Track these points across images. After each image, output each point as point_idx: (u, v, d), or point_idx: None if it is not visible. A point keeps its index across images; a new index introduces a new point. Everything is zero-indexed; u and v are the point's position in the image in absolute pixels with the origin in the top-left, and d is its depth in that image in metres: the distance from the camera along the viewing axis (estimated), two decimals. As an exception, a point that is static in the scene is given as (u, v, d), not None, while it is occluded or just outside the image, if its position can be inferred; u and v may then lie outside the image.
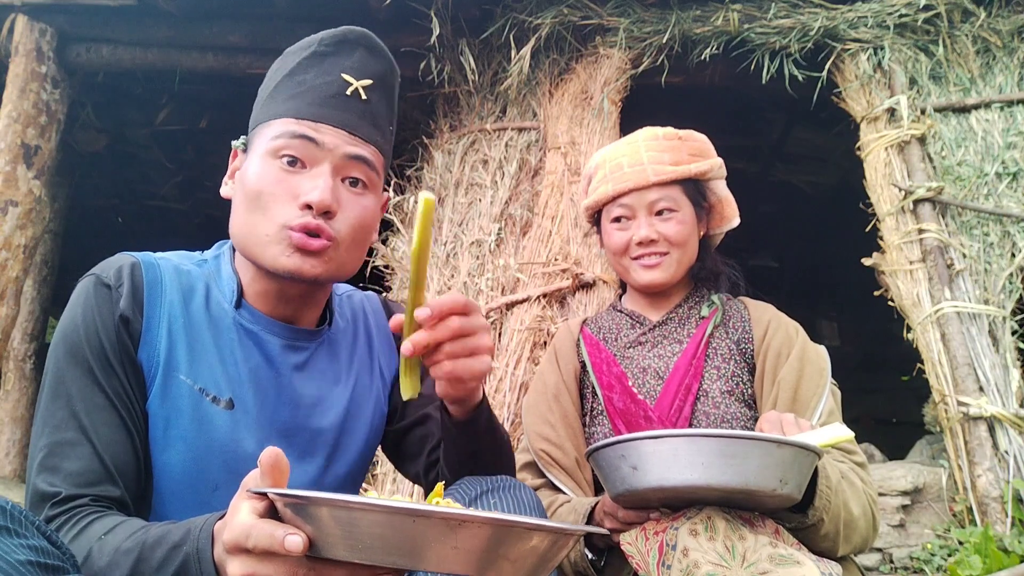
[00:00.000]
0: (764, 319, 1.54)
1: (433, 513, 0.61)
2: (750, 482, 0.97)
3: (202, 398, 1.02)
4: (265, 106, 1.07)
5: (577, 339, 1.64)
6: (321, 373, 1.12)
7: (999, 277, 2.90)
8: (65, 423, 0.95)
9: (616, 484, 1.07)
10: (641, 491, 1.03)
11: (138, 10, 3.54)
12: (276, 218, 1.01)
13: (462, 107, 3.70)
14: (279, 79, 1.07)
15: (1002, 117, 3.19)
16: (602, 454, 1.08)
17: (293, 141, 1.01)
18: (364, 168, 1.05)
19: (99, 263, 1.05)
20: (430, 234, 0.89)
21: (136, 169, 5.24)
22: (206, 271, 1.11)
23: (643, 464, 1.01)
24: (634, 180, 1.52)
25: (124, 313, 0.99)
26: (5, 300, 3.38)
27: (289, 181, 1.01)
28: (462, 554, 0.62)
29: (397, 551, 0.63)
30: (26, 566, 0.69)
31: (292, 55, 1.09)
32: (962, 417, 2.65)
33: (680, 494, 1.04)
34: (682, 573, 1.03)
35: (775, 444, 0.98)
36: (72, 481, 0.91)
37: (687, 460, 0.98)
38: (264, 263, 1.02)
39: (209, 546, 0.78)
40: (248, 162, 1.06)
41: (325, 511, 0.65)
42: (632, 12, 3.52)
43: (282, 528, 0.68)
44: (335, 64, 1.06)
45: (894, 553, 2.59)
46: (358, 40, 1.09)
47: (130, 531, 0.86)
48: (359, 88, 1.06)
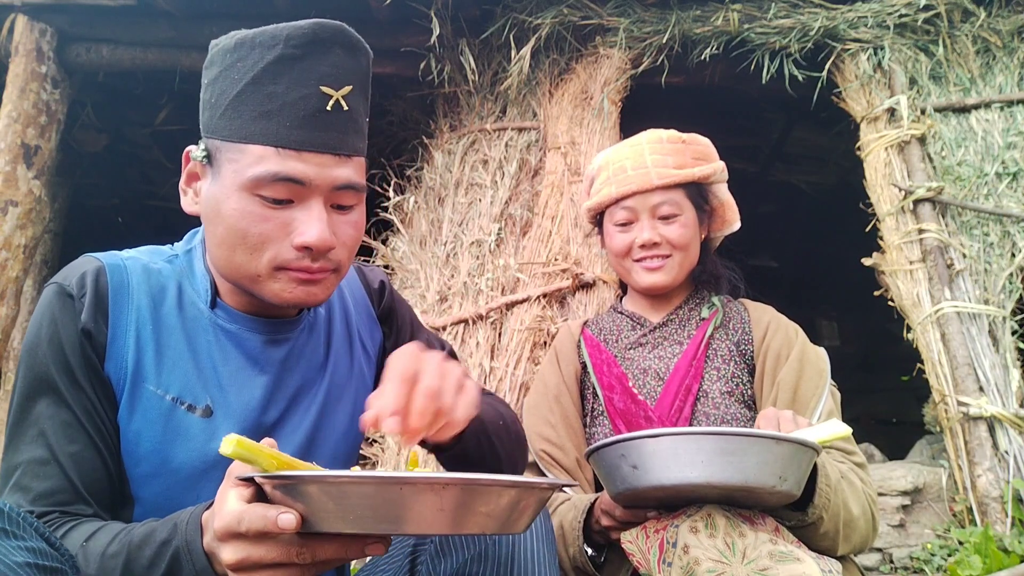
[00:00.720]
0: (764, 320, 1.55)
1: (419, 480, 0.66)
2: (749, 479, 0.97)
3: (175, 408, 0.98)
4: (229, 118, 0.93)
5: (578, 340, 1.65)
6: (307, 361, 1.08)
7: (999, 277, 2.90)
8: (34, 441, 0.93)
9: (617, 483, 1.07)
10: (642, 490, 1.03)
11: (138, 10, 3.54)
12: (267, 259, 0.93)
13: (462, 107, 3.70)
14: (242, 84, 0.92)
15: (1002, 117, 3.19)
16: (602, 454, 1.08)
17: (278, 185, 0.91)
18: (352, 193, 0.97)
19: (65, 267, 1.00)
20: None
21: (136, 169, 5.24)
22: (178, 268, 1.05)
23: (643, 463, 1.02)
24: (637, 183, 1.53)
25: (86, 326, 0.94)
26: (5, 300, 3.38)
27: (277, 217, 0.92)
28: (447, 514, 0.67)
29: (387, 518, 0.67)
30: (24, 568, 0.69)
31: (252, 51, 0.94)
32: (962, 417, 2.65)
33: (680, 492, 1.04)
34: (683, 570, 1.03)
35: (774, 441, 0.99)
36: (42, 502, 0.90)
37: (686, 458, 0.98)
38: (263, 296, 0.96)
39: (198, 536, 0.78)
40: (218, 188, 0.94)
41: (315, 488, 0.68)
42: (632, 12, 3.52)
43: (273, 508, 0.70)
44: (309, 72, 0.92)
45: (894, 553, 2.59)
46: (332, 39, 0.94)
47: (112, 534, 0.85)
48: (340, 100, 0.93)
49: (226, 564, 0.73)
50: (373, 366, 1.19)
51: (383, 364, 1.19)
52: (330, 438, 1.10)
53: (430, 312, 2.98)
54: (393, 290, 1.26)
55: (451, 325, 2.87)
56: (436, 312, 2.97)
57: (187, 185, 1.03)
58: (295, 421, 1.06)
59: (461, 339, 2.83)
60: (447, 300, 3.01)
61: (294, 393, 1.06)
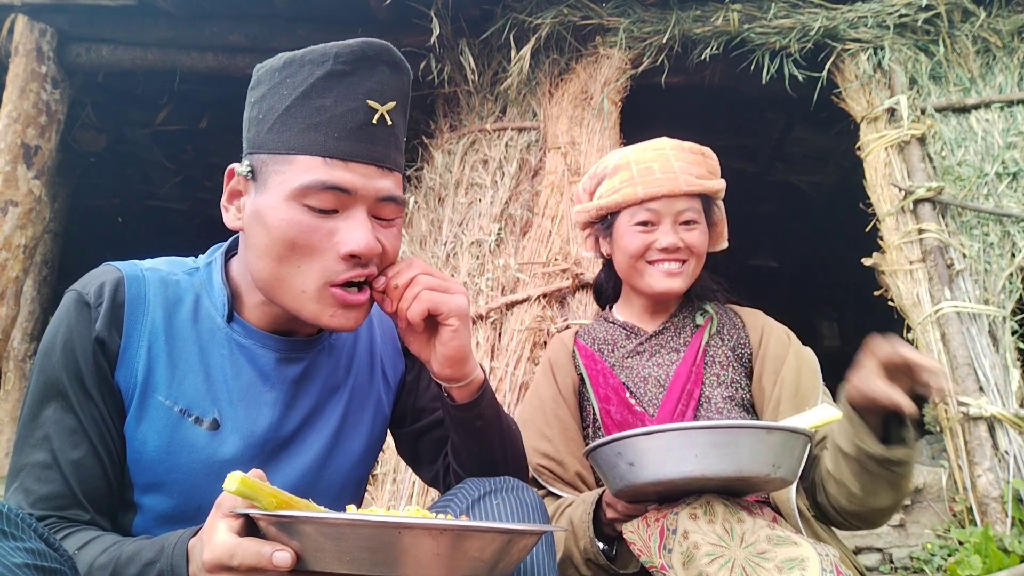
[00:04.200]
0: (758, 325, 1.59)
1: (416, 525, 0.67)
2: (744, 469, 1.00)
3: (183, 419, 0.99)
4: (277, 132, 0.95)
5: (572, 351, 1.63)
6: (322, 382, 1.09)
7: (999, 277, 2.90)
8: (39, 445, 0.94)
9: (615, 481, 1.10)
10: (639, 486, 1.06)
11: (138, 10, 3.54)
12: (315, 273, 0.94)
13: (462, 107, 3.70)
14: (291, 99, 0.95)
15: (1002, 117, 3.19)
16: (599, 453, 1.11)
17: (325, 193, 0.93)
18: (393, 206, 0.99)
19: (87, 274, 1.02)
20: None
21: (136, 169, 5.25)
22: (197, 281, 1.06)
23: (639, 460, 1.05)
24: (668, 186, 1.53)
25: (100, 335, 0.96)
26: (5, 300, 3.38)
27: (323, 227, 0.94)
28: (442, 559, 0.68)
29: (383, 561, 0.68)
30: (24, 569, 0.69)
31: (301, 69, 0.96)
32: (962, 417, 2.65)
33: (677, 486, 1.07)
34: (683, 555, 1.05)
35: (765, 430, 1.02)
36: (41, 506, 0.92)
37: (680, 453, 1.01)
38: (303, 316, 0.97)
39: (184, 563, 0.78)
40: (263, 200, 0.95)
41: (311, 528, 0.69)
42: (632, 12, 3.52)
43: (268, 545, 0.71)
44: (357, 87, 0.95)
45: (894, 553, 2.59)
46: (379, 56, 0.97)
47: (104, 546, 0.87)
48: (384, 114, 0.97)
49: None
50: (392, 397, 1.20)
51: (402, 398, 1.21)
52: (344, 463, 1.11)
53: (430, 312, 2.97)
54: None
55: (451, 325, 2.86)
56: (436, 312, 2.97)
57: (229, 202, 1.03)
58: (308, 442, 1.07)
59: (461, 339, 2.83)
60: (447, 300, 3.01)
61: (308, 413, 1.07)
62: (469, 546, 0.70)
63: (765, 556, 1.01)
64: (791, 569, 0.99)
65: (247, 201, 0.99)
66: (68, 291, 1.00)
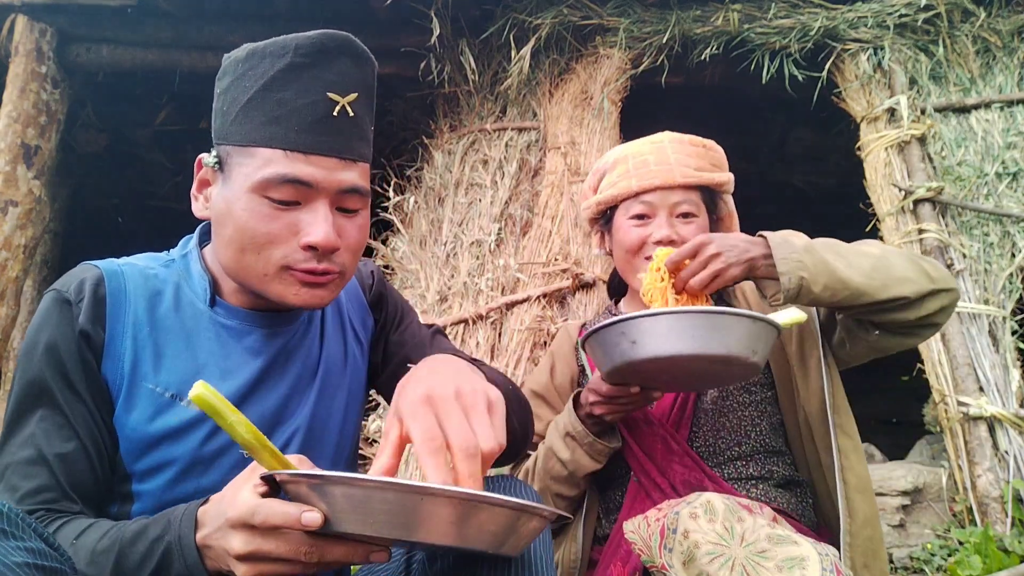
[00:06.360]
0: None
1: (439, 491, 0.68)
2: (732, 350, 1.13)
3: (174, 404, 0.99)
4: (239, 123, 0.97)
5: (576, 343, 1.64)
6: (305, 351, 1.11)
7: (999, 277, 2.90)
8: (25, 443, 0.95)
9: (615, 358, 1.20)
10: (638, 362, 1.17)
11: (138, 10, 3.54)
12: (275, 259, 0.97)
13: (462, 107, 3.70)
14: (252, 92, 0.96)
15: (1002, 117, 3.19)
16: (603, 333, 1.21)
17: (285, 186, 0.94)
18: (357, 197, 1.00)
19: (64, 274, 1.03)
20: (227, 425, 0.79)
21: (136, 169, 5.24)
22: (175, 271, 1.08)
23: (641, 338, 1.16)
24: (661, 178, 1.51)
25: (84, 328, 0.96)
26: (5, 300, 3.38)
27: (284, 218, 0.96)
28: (456, 527, 0.70)
29: (401, 524, 0.69)
30: (23, 568, 0.69)
31: (263, 60, 0.97)
32: (962, 417, 2.65)
33: (673, 363, 1.17)
34: (683, 555, 1.06)
35: (751, 319, 1.16)
36: (29, 500, 0.92)
37: (679, 332, 1.14)
38: (269, 296, 0.99)
39: (192, 531, 0.80)
40: (228, 191, 0.98)
41: (339, 489, 0.70)
42: (632, 12, 3.52)
43: (295, 506, 0.73)
44: (317, 79, 0.96)
45: (894, 553, 2.59)
46: (340, 48, 0.98)
47: (103, 531, 0.87)
48: (346, 106, 0.97)
49: (234, 553, 0.75)
50: (366, 353, 1.22)
51: (376, 350, 1.23)
52: (332, 429, 1.12)
53: (430, 312, 2.98)
54: (383, 277, 1.30)
55: (451, 325, 2.87)
56: (436, 312, 2.97)
57: (198, 191, 1.06)
58: (294, 410, 1.08)
59: (461, 339, 2.83)
60: (447, 300, 3.01)
61: (294, 382, 1.08)
62: (483, 517, 0.71)
63: (765, 555, 1.03)
64: (791, 568, 1.00)
65: (214, 191, 1.02)
66: (47, 291, 1.01)
